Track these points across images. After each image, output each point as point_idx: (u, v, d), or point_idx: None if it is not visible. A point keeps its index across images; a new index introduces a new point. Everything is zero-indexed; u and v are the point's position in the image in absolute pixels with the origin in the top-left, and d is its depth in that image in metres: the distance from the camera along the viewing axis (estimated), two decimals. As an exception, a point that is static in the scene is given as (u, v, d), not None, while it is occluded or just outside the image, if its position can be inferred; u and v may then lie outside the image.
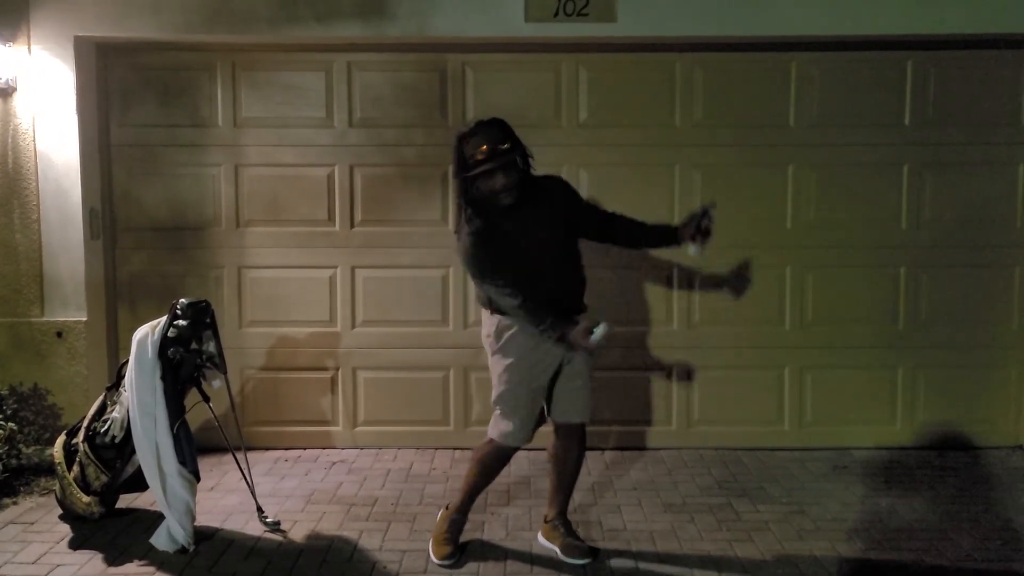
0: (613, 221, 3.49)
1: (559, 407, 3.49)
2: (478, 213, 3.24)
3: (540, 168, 4.58)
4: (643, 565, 3.45)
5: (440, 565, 3.45)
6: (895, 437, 4.81)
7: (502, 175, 3.19)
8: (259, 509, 3.87)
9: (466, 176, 3.21)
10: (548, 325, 3.22)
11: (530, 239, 3.27)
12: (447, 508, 3.62)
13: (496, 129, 3.24)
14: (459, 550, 3.52)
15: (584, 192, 4.69)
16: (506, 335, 3.35)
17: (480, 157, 3.17)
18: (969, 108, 4.69)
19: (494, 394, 3.44)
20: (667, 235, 3.47)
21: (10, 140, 4.47)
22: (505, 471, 4.43)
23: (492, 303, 3.37)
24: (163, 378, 3.59)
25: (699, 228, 3.33)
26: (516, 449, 3.51)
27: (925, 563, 3.45)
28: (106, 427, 3.74)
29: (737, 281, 3.42)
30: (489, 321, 3.41)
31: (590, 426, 4.78)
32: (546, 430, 3.60)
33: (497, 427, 3.44)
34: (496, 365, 3.41)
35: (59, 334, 4.52)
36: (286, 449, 4.81)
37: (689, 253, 3.37)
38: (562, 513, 3.60)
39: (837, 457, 4.66)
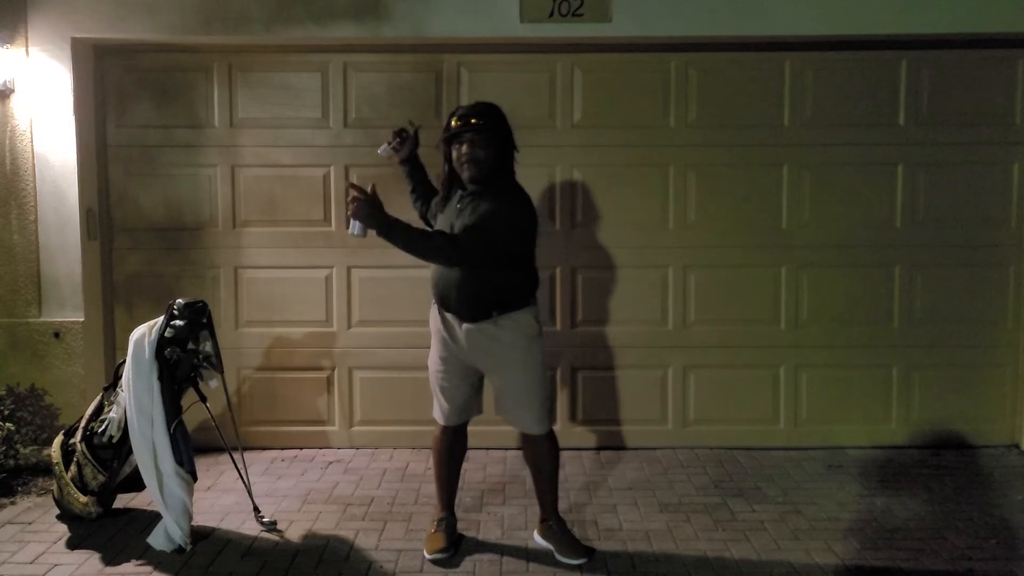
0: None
1: (498, 408, 3.57)
2: (445, 182, 3.45)
3: (535, 167, 4.67)
4: (639, 565, 3.46)
5: (432, 560, 3.46)
6: (890, 436, 4.82)
7: (466, 145, 3.29)
8: (256, 509, 3.88)
9: (442, 140, 3.38)
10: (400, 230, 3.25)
11: (452, 228, 3.35)
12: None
13: (484, 108, 3.37)
14: (452, 547, 3.54)
15: (578, 193, 4.74)
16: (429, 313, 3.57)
17: (454, 124, 3.32)
18: (963, 108, 4.70)
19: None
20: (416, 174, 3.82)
21: (7, 141, 4.48)
22: (500, 470, 4.49)
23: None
24: (160, 378, 3.60)
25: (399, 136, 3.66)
26: (445, 428, 3.61)
27: (920, 563, 3.46)
28: (103, 427, 3.75)
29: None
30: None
31: (586, 425, 4.85)
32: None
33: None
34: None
35: (56, 334, 4.53)
36: (282, 449, 4.82)
37: (379, 151, 3.75)
38: (554, 512, 3.61)
39: (832, 456, 4.67)
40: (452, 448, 3.66)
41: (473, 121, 3.28)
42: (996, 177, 4.74)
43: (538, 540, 3.61)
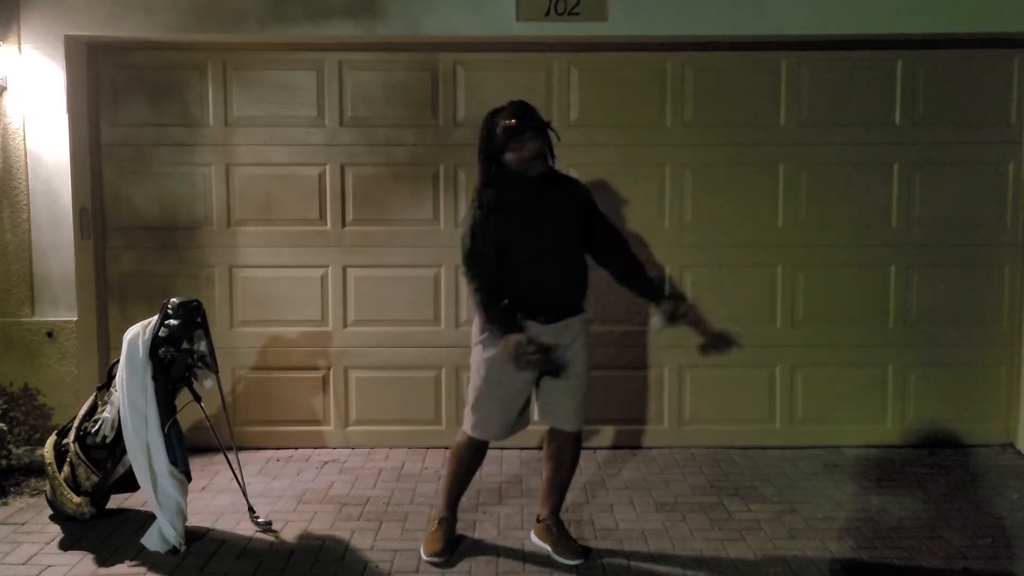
0: (612, 247, 3.48)
1: (544, 410, 3.49)
2: (499, 190, 3.28)
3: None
4: (635, 564, 3.45)
5: (429, 562, 3.45)
6: (886, 435, 4.83)
7: (532, 141, 3.23)
8: (250, 509, 3.87)
9: (494, 147, 3.25)
10: (492, 320, 3.23)
11: (537, 227, 3.29)
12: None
13: (526, 105, 3.32)
14: (449, 548, 3.52)
15: (576, 191, 4.72)
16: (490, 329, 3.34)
17: (511, 122, 3.22)
18: (959, 107, 4.70)
19: (470, 385, 3.47)
20: (649, 293, 3.48)
21: (0, 140, 4.45)
22: (497, 469, 4.47)
23: None
24: (154, 378, 3.58)
25: (675, 315, 3.38)
26: (485, 443, 3.51)
27: (916, 561, 3.46)
28: (97, 427, 3.73)
29: (719, 343, 3.44)
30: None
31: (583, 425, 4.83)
32: (541, 429, 3.60)
33: (468, 419, 3.47)
34: (475, 356, 3.42)
35: (49, 334, 4.51)
36: (277, 449, 4.81)
37: (651, 322, 3.46)
38: (555, 513, 3.60)
39: (828, 455, 4.68)
40: (481, 458, 3.60)
41: (532, 116, 3.25)
42: (992, 177, 4.74)
43: (534, 540, 3.60)
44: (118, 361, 3.67)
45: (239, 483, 3.91)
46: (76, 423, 3.80)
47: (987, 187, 4.75)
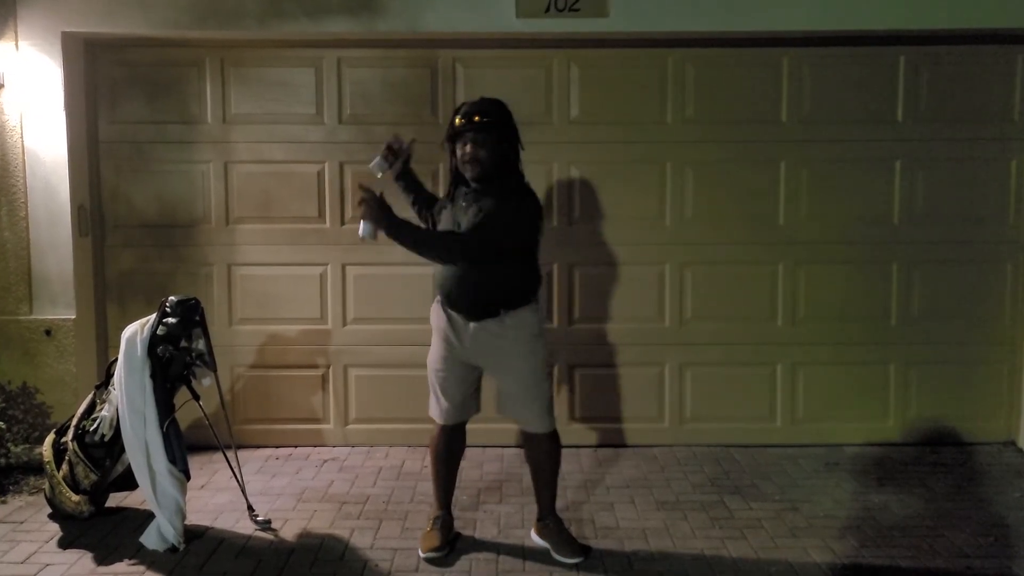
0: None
1: (500, 407, 3.56)
2: (450, 181, 3.43)
3: (532, 164, 4.61)
4: (636, 563, 3.44)
5: (426, 559, 3.44)
6: (887, 433, 4.81)
7: (469, 144, 3.26)
8: (250, 507, 3.86)
9: (446, 138, 3.36)
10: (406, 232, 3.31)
11: (458, 225, 3.34)
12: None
13: (486, 104, 3.33)
14: (447, 545, 3.51)
15: (575, 190, 4.72)
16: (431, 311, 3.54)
17: (457, 122, 3.29)
18: (961, 104, 4.68)
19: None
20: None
21: (-3, 137, 4.44)
22: (497, 468, 4.47)
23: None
24: (152, 376, 3.57)
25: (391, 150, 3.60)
26: (443, 427, 3.58)
27: (918, 560, 3.45)
28: (95, 426, 3.72)
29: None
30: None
31: (583, 423, 4.83)
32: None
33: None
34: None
35: (48, 332, 4.49)
36: (277, 447, 4.79)
37: (370, 166, 3.64)
38: (551, 512, 3.59)
39: (829, 454, 4.66)
40: (450, 447, 3.64)
41: (476, 119, 3.25)
42: (994, 174, 4.72)
43: (535, 539, 3.59)
44: (116, 359, 3.66)
45: (238, 481, 3.90)
46: (75, 421, 3.79)
47: (989, 184, 4.73)
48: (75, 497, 3.74)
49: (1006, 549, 3.55)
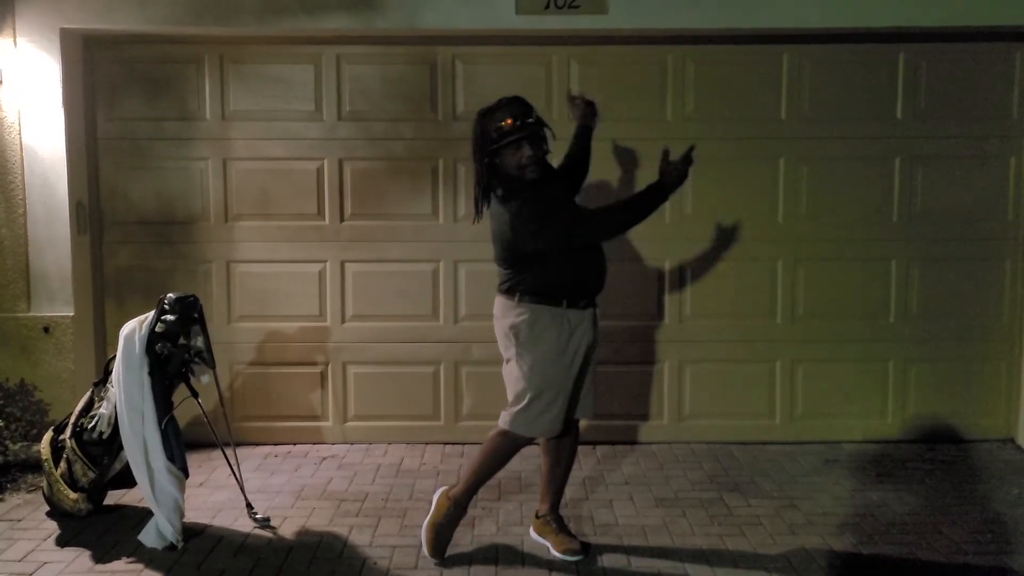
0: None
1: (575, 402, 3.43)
2: (512, 187, 3.20)
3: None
4: (635, 560, 3.44)
5: (435, 561, 3.41)
6: (886, 430, 4.81)
7: (529, 146, 3.16)
8: (248, 505, 3.85)
9: (491, 150, 3.17)
10: (656, 193, 3.30)
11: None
12: (448, 497, 3.44)
13: (519, 104, 3.23)
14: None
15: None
16: (539, 323, 3.23)
17: (507, 128, 3.14)
18: (961, 101, 4.68)
19: (522, 385, 3.26)
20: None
21: (-5, 134, 4.43)
22: (496, 466, 4.45)
23: (521, 290, 3.25)
24: (151, 374, 3.56)
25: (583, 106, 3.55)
26: (530, 442, 3.41)
27: (916, 556, 3.45)
28: (93, 423, 3.71)
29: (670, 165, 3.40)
30: (515, 310, 3.26)
31: (582, 420, 4.82)
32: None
33: (525, 418, 3.28)
34: (527, 355, 3.25)
35: (46, 329, 4.48)
36: (275, 444, 4.79)
37: None
38: (555, 508, 3.58)
39: (828, 451, 4.67)
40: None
41: (532, 119, 3.18)
42: (993, 171, 4.72)
43: (534, 536, 3.59)
44: (115, 357, 3.65)
45: (237, 479, 3.90)
46: (73, 419, 3.78)
47: (988, 181, 4.73)
48: (73, 495, 3.74)
49: (1004, 545, 3.55)
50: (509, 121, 3.15)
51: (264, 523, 3.77)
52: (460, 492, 3.43)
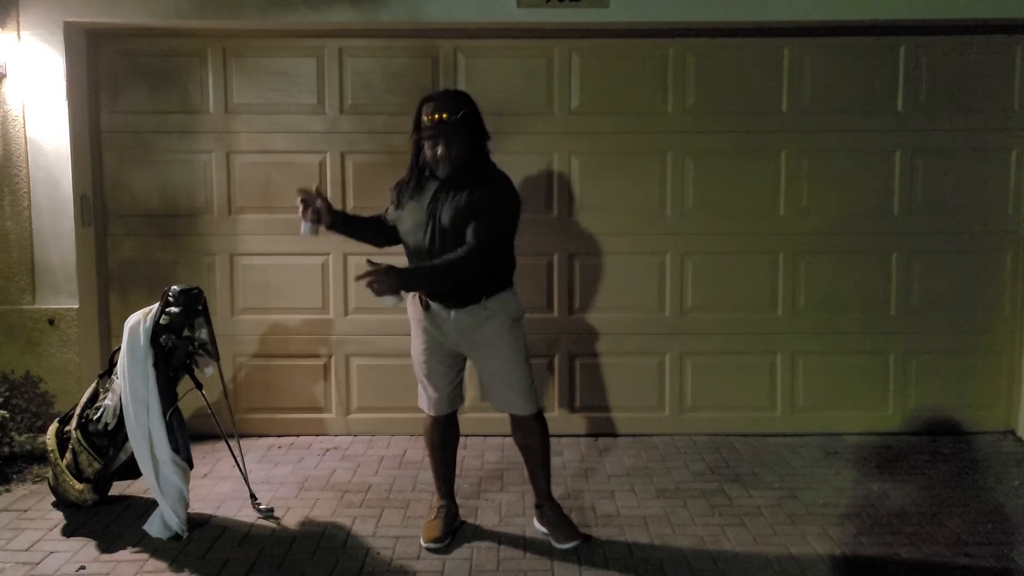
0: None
1: (484, 394, 3.61)
2: (414, 171, 3.38)
3: (533, 154, 4.64)
4: (636, 551, 3.46)
5: (428, 548, 3.46)
6: (887, 423, 4.83)
7: (441, 146, 3.26)
8: (252, 496, 3.88)
9: (415, 139, 3.35)
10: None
11: (435, 217, 3.28)
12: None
13: (452, 100, 3.31)
14: (448, 534, 3.53)
15: (576, 180, 4.72)
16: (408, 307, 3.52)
17: (425, 122, 3.28)
18: (961, 94, 4.68)
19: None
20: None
21: (0, 127, 4.44)
22: (498, 456, 4.49)
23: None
24: (155, 365, 3.58)
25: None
26: (435, 418, 3.61)
27: (917, 548, 3.46)
28: (99, 414, 3.74)
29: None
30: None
31: (584, 412, 4.85)
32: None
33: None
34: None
35: (51, 322, 4.51)
36: (279, 436, 4.81)
37: (301, 233, 3.45)
38: (548, 497, 3.60)
39: (829, 442, 4.68)
40: (445, 436, 3.66)
41: (445, 117, 3.23)
42: (994, 164, 4.72)
43: (537, 526, 3.61)
44: (119, 348, 3.67)
45: (241, 470, 3.92)
46: (78, 410, 3.81)
47: (989, 174, 4.73)
48: (79, 485, 3.76)
49: (1005, 537, 3.56)
50: (426, 118, 3.27)
51: (268, 514, 3.80)
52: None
